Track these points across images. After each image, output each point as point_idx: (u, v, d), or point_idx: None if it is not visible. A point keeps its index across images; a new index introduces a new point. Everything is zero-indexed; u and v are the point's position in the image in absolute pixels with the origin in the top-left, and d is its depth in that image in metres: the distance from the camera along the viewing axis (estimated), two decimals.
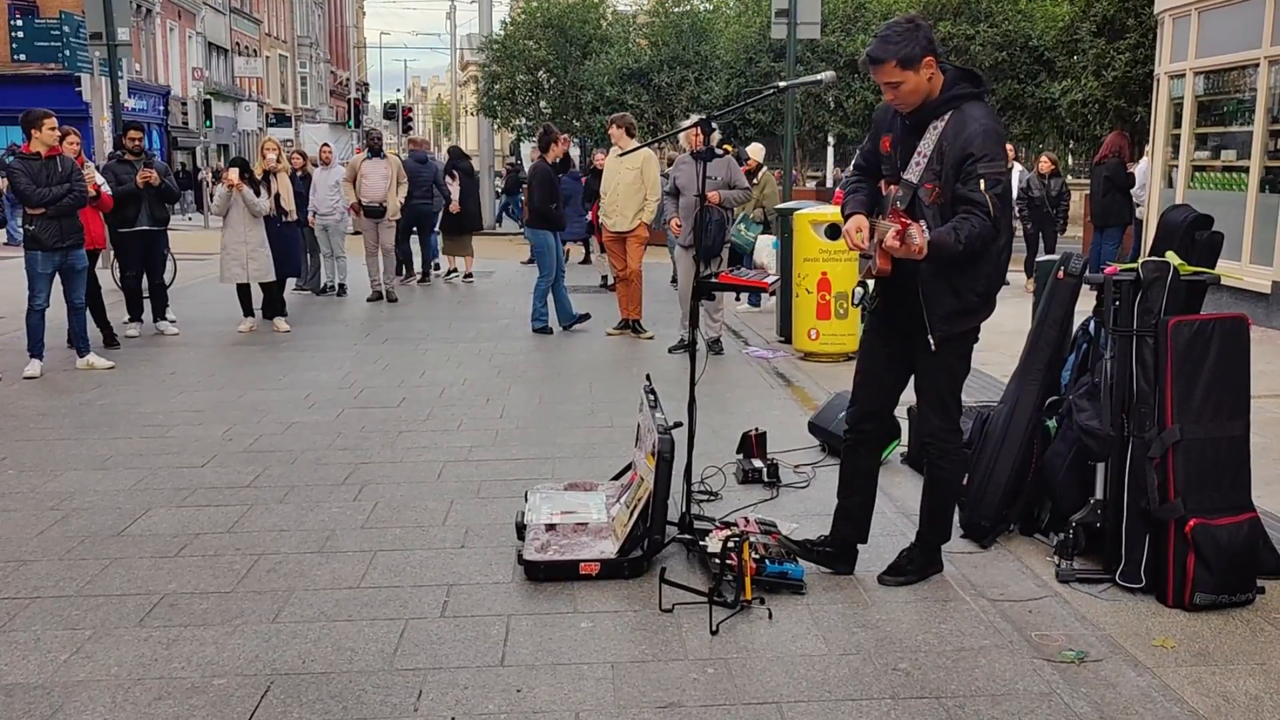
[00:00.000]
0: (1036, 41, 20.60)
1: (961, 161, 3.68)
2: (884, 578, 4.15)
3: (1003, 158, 3.73)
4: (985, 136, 3.68)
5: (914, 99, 3.80)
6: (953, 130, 3.73)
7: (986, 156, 3.66)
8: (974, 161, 3.66)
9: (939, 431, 4.05)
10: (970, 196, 3.66)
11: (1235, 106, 11.01)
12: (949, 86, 3.79)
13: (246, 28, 47.22)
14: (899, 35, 3.72)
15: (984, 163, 3.65)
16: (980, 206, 3.63)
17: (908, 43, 3.70)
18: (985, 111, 3.77)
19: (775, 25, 16.40)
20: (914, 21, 3.77)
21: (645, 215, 9.66)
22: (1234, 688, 3.36)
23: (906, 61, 3.71)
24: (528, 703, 3.24)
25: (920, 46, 3.70)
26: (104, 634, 3.70)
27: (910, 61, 3.71)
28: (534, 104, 28.16)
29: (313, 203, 12.42)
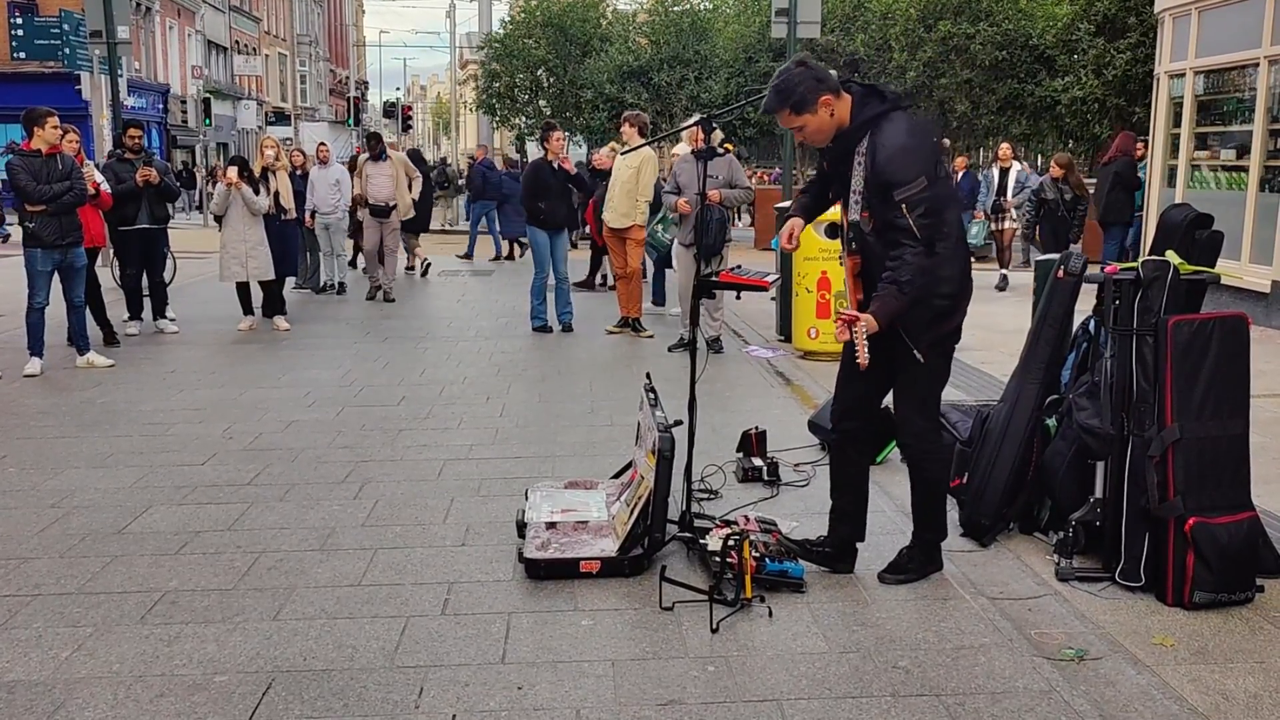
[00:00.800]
0: (1037, 40, 20.61)
1: (883, 191, 3.71)
2: (884, 575, 4.16)
3: (918, 177, 3.66)
4: (896, 161, 3.68)
5: (821, 137, 3.88)
6: (870, 158, 3.76)
7: (901, 183, 3.67)
8: (891, 190, 3.68)
9: (923, 432, 4.05)
10: (895, 223, 3.70)
11: (1235, 106, 11.02)
12: (858, 111, 3.81)
13: (246, 26, 47.22)
14: (787, 83, 3.78)
15: (900, 189, 3.67)
16: (906, 233, 3.68)
17: (797, 89, 3.77)
18: (896, 129, 3.75)
19: (775, 24, 16.42)
20: (803, 64, 3.83)
21: (638, 217, 9.66)
22: (1233, 686, 3.37)
23: (799, 107, 3.79)
24: (529, 700, 3.24)
25: (810, 89, 3.76)
26: (105, 631, 3.70)
27: (803, 105, 3.78)
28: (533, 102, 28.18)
29: (312, 201, 12.41)
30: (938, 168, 3.79)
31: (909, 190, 3.66)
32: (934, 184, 3.70)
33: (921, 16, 21.14)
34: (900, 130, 3.74)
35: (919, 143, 3.74)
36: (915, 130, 3.78)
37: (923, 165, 3.70)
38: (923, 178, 3.67)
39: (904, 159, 3.69)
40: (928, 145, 3.80)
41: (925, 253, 3.68)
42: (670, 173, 9.35)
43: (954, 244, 3.82)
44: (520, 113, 28.75)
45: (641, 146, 9.37)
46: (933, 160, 3.76)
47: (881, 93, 3.85)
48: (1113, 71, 18.41)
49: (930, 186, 3.68)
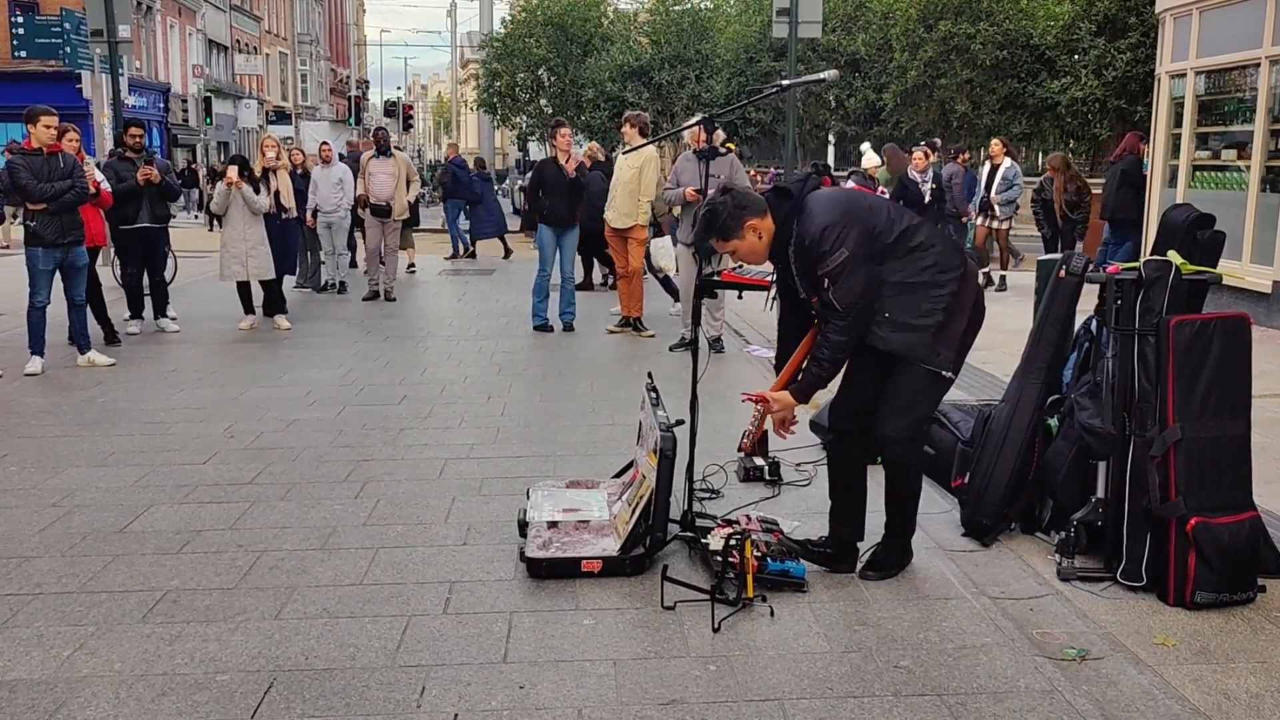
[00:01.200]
0: (1037, 40, 20.61)
1: (812, 275, 3.87)
2: (866, 573, 4.20)
3: (837, 249, 3.77)
4: (812, 242, 3.81)
5: (757, 258, 4.03)
6: (798, 240, 3.87)
7: (822, 260, 3.80)
8: (815, 269, 3.83)
9: (903, 441, 4.05)
10: (825, 300, 3.87)
11: (1236, 106, 11.01)
12: (776, 216, 3.92)
13: (247, 25, 47.22)
14: (710, 214, 3.92)
15: (821, 266, 3.81)
16: (830, 309, 3.86)
17: (719, 218, 3.90)
18: (809, 216, 3.85)
19: (776, 24, 16.42)
20: (727, 191, 3.96)
21: (640, 217, 9.66)
22: (1235, 686, 3.37)
23: (724, 234, 3.92)
24: (530, 699, 3.24)
25: (731, 217, 3.90)
26: (106, 630, 3.70)
27: (727, 233, 3.92)
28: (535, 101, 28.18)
29: (314, 201, 12.40)
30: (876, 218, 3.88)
31: (828, 265, 3.80)
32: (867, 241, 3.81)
33: (922, 16, 21.13)
34: (812, 214, 3.85)
35: (834, 217, 3.83)
36: (828, 207, 3.87)
37: (840, 236, 3.79)
38: (842, 249, 3.78)
39: (820, 238, 3.81)
40: (846, 214, 3.86)
41: (850, 323, 3.83)
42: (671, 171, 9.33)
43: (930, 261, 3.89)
44: (521, 112, 28.76)
45: (643, 146, 9.37)
46: (856, 225, 3.83)
47: (788, 190, 3.98)
48: (1113, 72, 18.40)
49: (853, 250, 3.78)
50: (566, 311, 10.30)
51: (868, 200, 4.07)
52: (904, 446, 4.08)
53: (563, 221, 10.09)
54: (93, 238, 8.94)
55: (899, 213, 4.01)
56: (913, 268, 3.89)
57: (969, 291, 3.99)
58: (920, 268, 3.90)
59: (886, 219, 3.92)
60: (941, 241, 4.02)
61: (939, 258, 3.93)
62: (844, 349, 3.90)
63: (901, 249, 3.89)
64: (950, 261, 3.95)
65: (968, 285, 3.99)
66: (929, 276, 3.90)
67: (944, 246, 3.99)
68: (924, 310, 3.90)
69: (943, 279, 3.91)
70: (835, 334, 3.87)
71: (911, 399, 4.02)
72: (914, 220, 4.01)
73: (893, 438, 4.06)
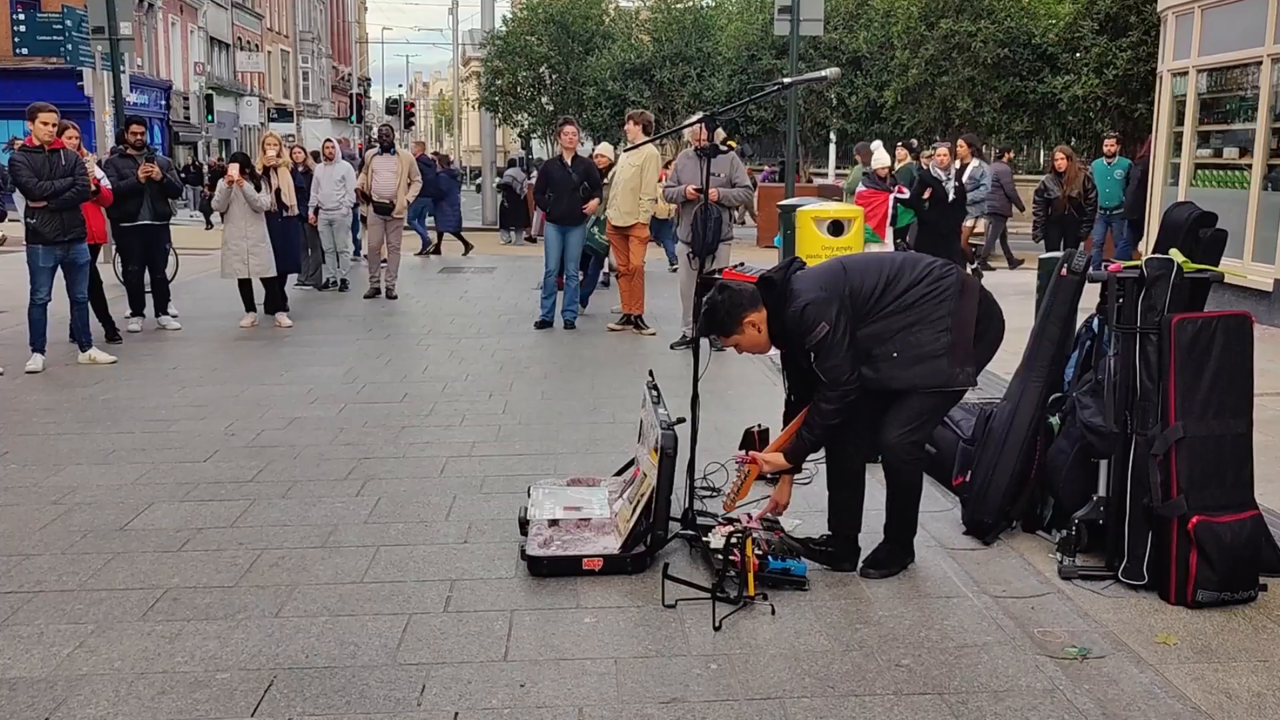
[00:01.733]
0: (1039, 38, 20.57)
1: (799, 348, 4.02)
2: (867, 571, 4.21)
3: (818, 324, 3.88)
4: (796, 323, 3.94)
5: (758, 347, 4.15)
6: (788, 324, 3.99)
7: (806, 336, 3.92)
8: (803, 344, 3.96)
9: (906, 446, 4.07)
10: (815, 372, 3.99)
11: (1238, 104, 11.00)
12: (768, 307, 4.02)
13: (248, 22, 47.20)
14: (711, 311, 4.06)
15: (808, 341, 3.94)
16: (819, 382, 3.99)
17: (718, 314, 4.03)
18: (792, 294, 3.96)
19: (778, 22, 16.41)
20: (724, 289, 4.06)
21: (641, 215, 9.64)
22: (1236, 685, 3.36)
23: (724, 330, 4.05)
24: (531, 698, 3.24)
25: (729, 313, 4.02)
26: (107, 628, 3.70)
27: (727, 328, 4.04)
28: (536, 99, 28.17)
29: (316, 199, 12.39)
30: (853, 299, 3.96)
31: (811, 339, 3.93)
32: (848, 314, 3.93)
33: (923, 14, 21.10)
34: (795, 294, 3.97)
35: (814, 295, 3.93)
36: (810, 285, 3.98)
37: (819, 312, 3.89)
38: (822, 324, 3.89)
39: (801, 314, 3.91)
40: (827, 289, 3.95)
41: (839, 394, 3.95)
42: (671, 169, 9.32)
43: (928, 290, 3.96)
44: (523, 109, 28.74)
45: (645, 144, 9.37)
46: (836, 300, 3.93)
47: (772, 280, 4.06)
48: (1114, 70, 18.37)
49: (836, 324, 3.90)
50: (569, 309, 10.30)
51: (857, 262, 4.16)
52: (907, 453, 4.10)
53: (568, 219, 10.07)
54: (93, 235, 8.93)
55: (890, 263, 4.08)
56: (910, 306, 3.96)
57: (969, 303, 4.01)
58: (914, 301, 3.96)
59: (875, 278, 4.01)
60: (933, 267, 4.06)
61: (930, 285, 3.98)
62: (834, 416, 4.00)
63: (893, 296, 3.97)
64: (943, 283, 3.99)
65: (966, 298, 4.00)
66: (928, 307, 3.95)
67: (936, 272, 4.03)
68: (930, 338, 3.94)
69: (938, 303, 3.96)
70: (825, 404, 3.99)
71: (922, 414, 4.07)
72: (904, 261, 4.09)
73: (897, 445, 4.07)
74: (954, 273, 4.06)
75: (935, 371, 3.96)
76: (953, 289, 3.98)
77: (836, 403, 3.97)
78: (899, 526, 4.26)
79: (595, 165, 10.58)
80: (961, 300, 3.98)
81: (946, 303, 3.96)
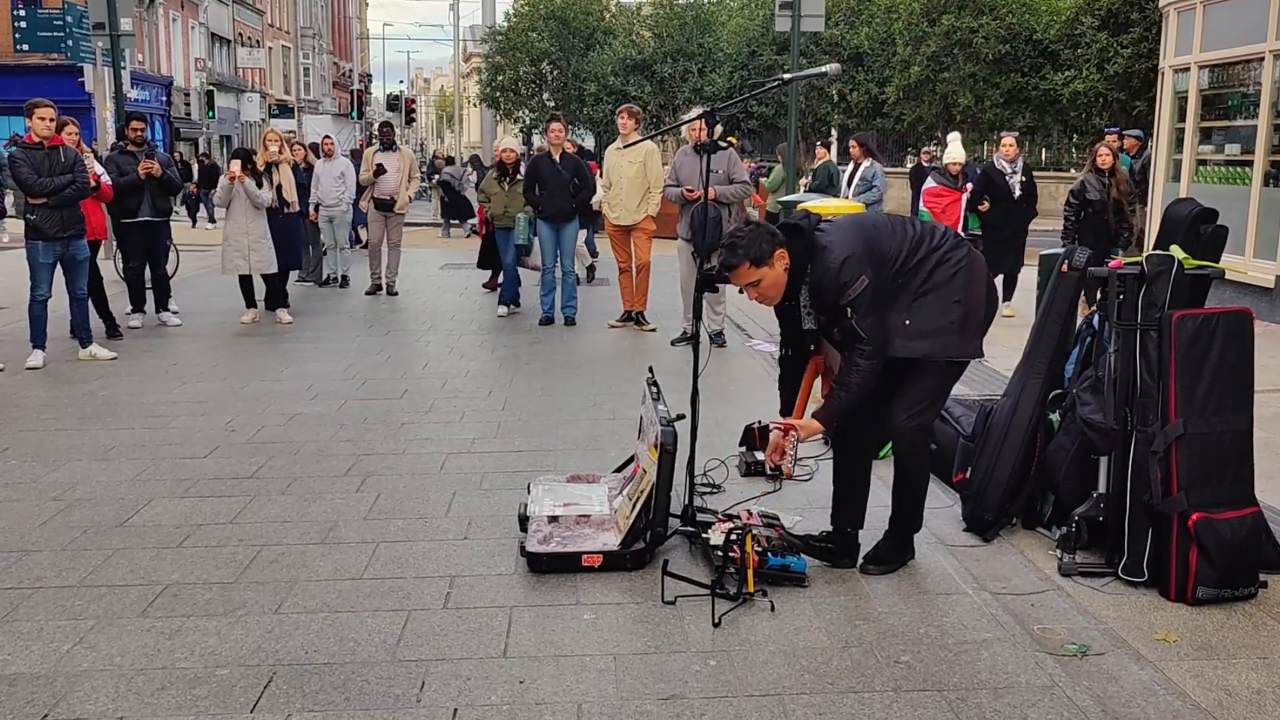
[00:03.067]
0: (1040, 35, 20.58)
1: (834, 306, 3.88)
2: (866, 566, 4.21)
3: (859, 278, 3.78)
4: (832, 277, 3.82)
5: (775, 292, 4.00)
6: (816, 278, 3.89)
7: (840, 292, 3.81)
8: (840, 300, 3.84)
9: (910, 428, 4.05)
10: (846, 328, 3.88)
11: (1240, 101, 10.98)
12: (793, 250, 3.93)
13: (249, 18, 47.17)
14: (747, 239, 3.89)
15: (845, 295, 3.81)
16: (854, 336, 3.85)
17: (755, 244, 3.89)
18: (825, 249, 3.85)
19: (779, 18, 16.39)
20: (754, 224, 3.98)
21: (650, 208, 9.64)
22: (1236, 682, 3.36)
23: (759, 260, 3.89)
24: (530, 694, 3.24)
25: (767, 243, 3.89)
26: (107, 624, 3.70)
27: (761, 260, 3.89)
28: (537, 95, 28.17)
29: (316, 195, 12.39)
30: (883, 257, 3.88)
31: (851, 293, 3.80)
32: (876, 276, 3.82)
33: (925, 10, 21.10)
34: (830, 248, 3.86)
35: (852, 249, 3.84)
36: (845, 239, 3.89)
37: (860, 267, 3.80)
38: (863, 278, 3.79)
39: (840, 270, 3.80)
40: (864, 243, 3.88)
41: (874, 351, 3.84)
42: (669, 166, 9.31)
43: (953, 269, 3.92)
44: (524, 105, 28.75)
45: (641, 141, 9.36)
46: (872, 255, 3.85)
47: (797, 226, 3.99)
48: (1115, 66, 18.37)
49: (872, 279, 3.80)
50: (568, 305, 10.29)
51: (883, 223, 4.09)
52: (914, 435, 4.08)
53: (559, 216, 10.05)
54: (93, 231, 8.93)
55: (912, 229, 4.03)
56: (928, 275, 3.92)
57: (979, 277, 4.02)
58: (931, 270, 3.93)
59: (900, 242, 3.95)
60: (948, 237, 4.04)
61: (946, 254, 3.96)
62: (872, 373, 3.89)
63: (913, 263, 3.92)
64: (956, 254, 3.98)
65: (976, 271, 4.01)
66: (941, 277, 3.92)
67: (951, 242, 4.01)
68: (941, 309, 3.92)
69: (952, 275, 3.93)
70: (863, 359, 3.86)
71: (929, 395, 4.05)
72: (924, 230, 4.04)
73: (903, 427, 4.06)
74: (965, 246, 4.06)
75: (947, 346, 3.94)
76: (965, 262, 3.97)
77: (875, 357, 3.86)
78: (901, 519, 4.25)
79: (584, 162, 10.55)
80: (972, 274, 3.97)
81: (960, 275, 3.94)
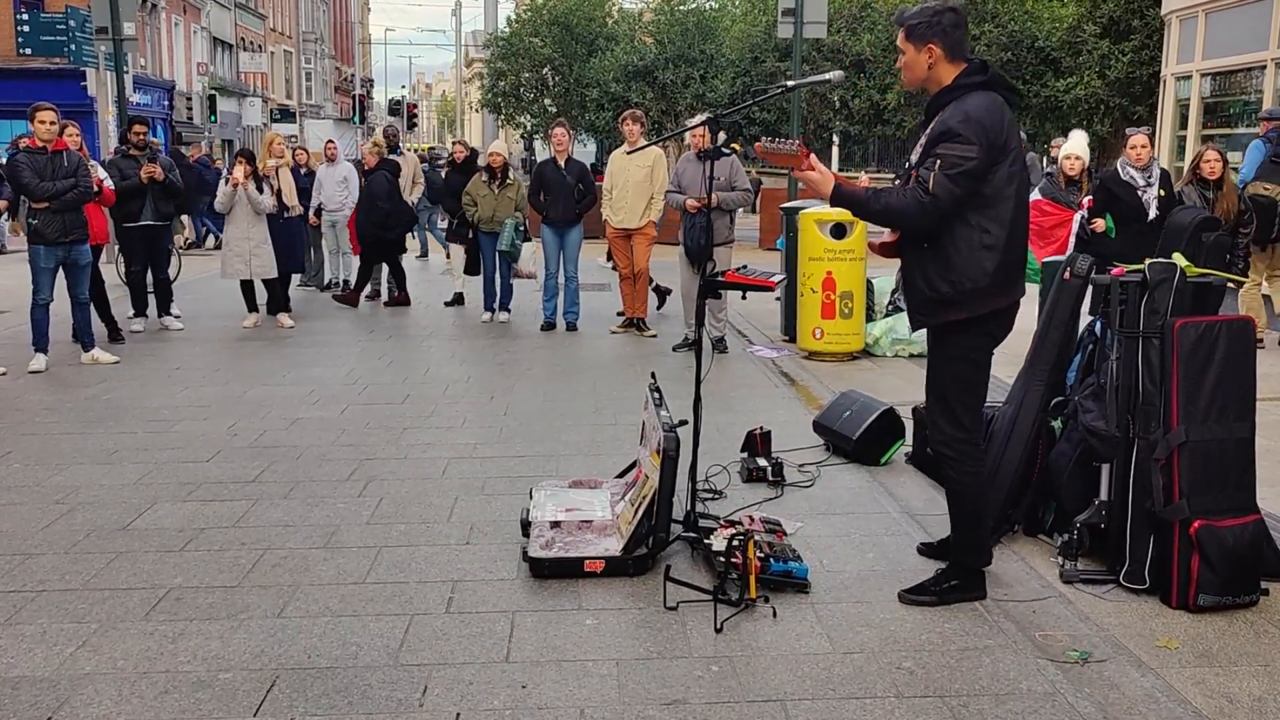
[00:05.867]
0: (1042, 42, 20.59)
1: (935, 142, 3.66)
2: (903, 594, 3.98)
3: (972, 141, 3.57)
4: (961, 120, 3.61)
5: (910, 75, 3.82)
6: (944, 117, 3.69)
7: (952, 137, 3.60)
8: (941, 142, 3.63)
9: (949, 440, 3.88)
10: (920, 172, 3.67)
11: (1241, 108, 11.00)
12: (959, 78, 3.73)
13: (251, 23, 47.23)
14: (920, 11, 3.75)
15: (944, 143, 3.61)
16: (921, 183, 3.63)
17: (923, 19, 3.72)
18: (980, 101, 3.65)
19: (781, 24, 16.41)
20: (950, 9, 3.74)
21: (653, 213, 9.65)
22: (1237, 689, 3.36)
23: (910, 33, 3.75)
24: (533, 699, 3.24)
25: (931, 29, 3.71)
26: (110, 627, 3.71)
27: (913, 35, 3.74)
28: (539, 101, 28.19)
29: (319, 199, 12.41)
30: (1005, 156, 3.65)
31: (955, 148, 3.58)
32: (989, 162, 3.59)
33: None
34: (982, 103, 3.64)
35: (995, 120, 3.63)
36: (996, 111, 3.67)
37: (985, 138, 3.58)
38: (977, 145, 3.57)
39: (970, 124, 3.59)
40: (999, 127, 3.63)
41: (921, 205, 3.61)
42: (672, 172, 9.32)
43: (982, 242, 3.66)
44: (525, 111, 28.76)
45: (648, 147, 9.38)
46: (999, 145, 3.62)
47: (985, 67, 3.78)
48: (1116, 72, 18.39)
49: (980, 159, 3.57)
50: (570, 311, 10.30)
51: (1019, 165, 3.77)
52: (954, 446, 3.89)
53: (564, 221, 10.07)
54: (96, 235, 8.94)
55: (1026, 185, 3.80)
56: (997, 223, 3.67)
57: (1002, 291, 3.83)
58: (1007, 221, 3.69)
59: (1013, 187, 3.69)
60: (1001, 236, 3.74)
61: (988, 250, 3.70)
62: (899, 215, 3.69)
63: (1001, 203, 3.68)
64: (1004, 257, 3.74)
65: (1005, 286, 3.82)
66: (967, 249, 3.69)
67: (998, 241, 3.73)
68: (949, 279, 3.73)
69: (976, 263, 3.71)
70: (907, 198, 3.64)
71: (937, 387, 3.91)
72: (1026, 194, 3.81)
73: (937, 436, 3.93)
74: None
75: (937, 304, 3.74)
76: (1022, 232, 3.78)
77: (912, 211, 3.63)
78: (956, 547, 4.02)
79: (588, 168, 10.57)
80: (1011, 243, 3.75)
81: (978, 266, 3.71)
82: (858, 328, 8.75)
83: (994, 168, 3.63)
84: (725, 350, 8.93)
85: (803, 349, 8.95)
